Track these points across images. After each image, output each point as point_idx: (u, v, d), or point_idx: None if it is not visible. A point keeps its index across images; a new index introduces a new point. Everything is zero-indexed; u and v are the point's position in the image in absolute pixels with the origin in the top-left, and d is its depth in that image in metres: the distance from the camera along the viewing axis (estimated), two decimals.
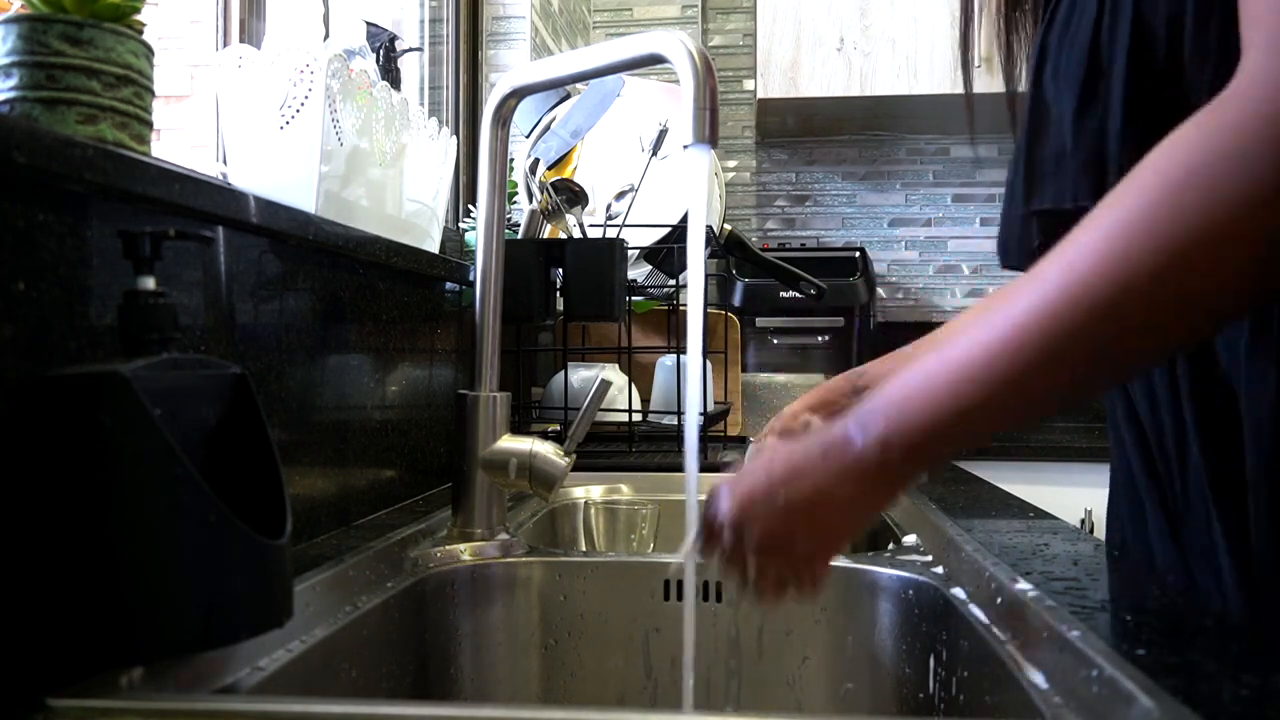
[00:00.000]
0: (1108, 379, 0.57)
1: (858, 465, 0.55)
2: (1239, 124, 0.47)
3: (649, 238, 1.69)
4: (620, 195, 1.57)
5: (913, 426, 0.54)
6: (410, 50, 1.57)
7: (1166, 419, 0.68)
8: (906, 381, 0.55)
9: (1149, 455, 0.71)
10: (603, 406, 1.30)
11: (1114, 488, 0.79)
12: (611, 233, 1.51)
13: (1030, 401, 0.52)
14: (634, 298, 1.67)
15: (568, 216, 1.45)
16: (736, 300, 2.49)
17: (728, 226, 1.86)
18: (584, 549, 1.21)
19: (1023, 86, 0.79)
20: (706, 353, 1.53)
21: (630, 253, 1.55)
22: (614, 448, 1.52)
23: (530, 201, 1.53)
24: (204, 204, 0.70)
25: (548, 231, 1.49)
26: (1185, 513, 0.69)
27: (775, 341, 2.61)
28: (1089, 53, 0.65)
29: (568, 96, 1.87)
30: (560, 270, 1.33)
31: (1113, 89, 0.63)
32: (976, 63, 0.84)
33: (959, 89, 2.67)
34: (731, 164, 2.94)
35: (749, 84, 2.89)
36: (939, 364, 0.54)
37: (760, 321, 2.55)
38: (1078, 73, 0.65)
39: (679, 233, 1.64)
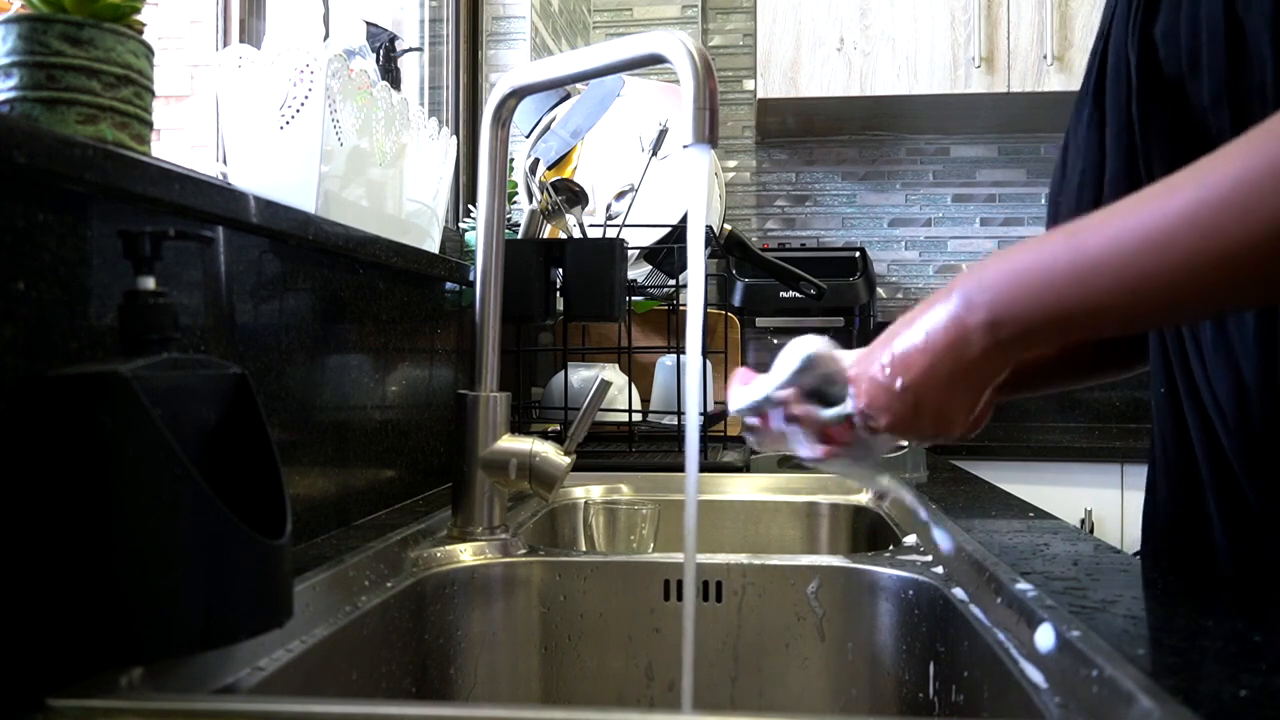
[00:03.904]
0: (1236, 303, 0.56)
1: (964, 344, 0.56)
2: None
3: (649, 238, 1.69)
4: (620, 195, 1.57)
5: (1024, 308, 0.54)
6: (410, 50, 1.57)
7: (1259, 428, 0.65)
8: (1018, 263, 0.55)
9: (1216, 444, 0.68)
10: (603, 406, 1.30)
11: (1159, 469, 0.75)
12: (611, 233, 1.51)
13: (1151, 310, 0.52)
14: (634, 298, 1.67)
15: (568, 216, 1.45)
16: (736, 300, 2.49)
17: (728, 226, 1.86)
18: (584, 549, 1.21)
19: None
20: (706, 353, 1.53)
21: (630, 253, 1.55)
22: (614, 448, 1.52)
23: (530, 201, 1.53)
24: (204, 204, 0.70)
25: (548, 231, 1.49)
26: (1266, 522, 0.66)
27: (775, 341, 2.61)
28: (1224, 13, 0.59)
29: (568, 96, 1.87)
30: (560, 270, 1.33)
31: (1255, 58, 0.58)
32: (976, 62, 0.83)
33: (959, 89, 2.68)
34: (731, 164, 2.94)
35: (749, 84, 2.89)
36: (1065, 251, 0.53)
37: (760, 321, 2.55)
38: (1216, 35, 0.60)
39: (679, 233, 1.64)
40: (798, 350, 0.67)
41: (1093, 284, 0.51)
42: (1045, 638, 0.56)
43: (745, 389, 0.69)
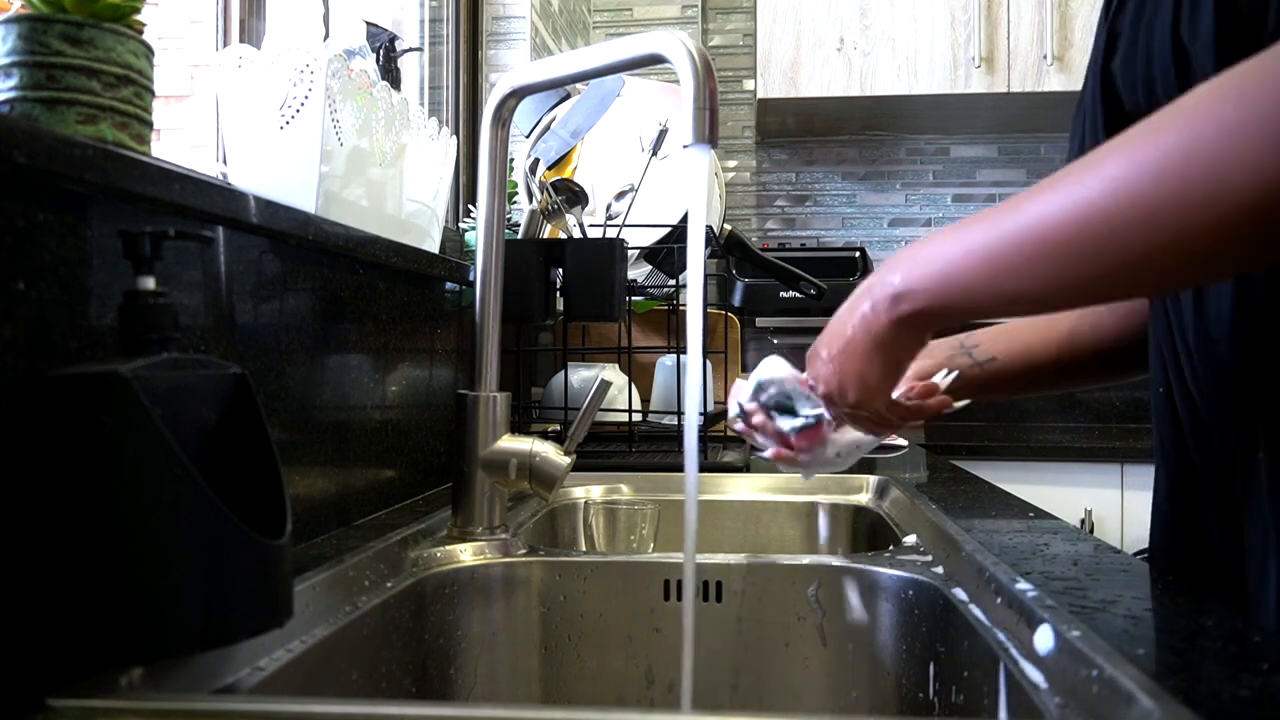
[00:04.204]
0: (1113, 291, 0.59)
1: (873, 316, 0.63)
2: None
3: (649, 238, 1.69)
4: (620, 195, 1.57)
5: (921, 286, 0.60)
6: (410, 50, 1.57)
7: (1232, 419, 0.66)
8: (925, 249, 0.61)
9: (1207, 442, 0.69)
10: (603, 406, 1.30)
11: (1161, 473, 0.76)
12: (611, 233, 1.51)
13: (1030, 295, 0.56)
14: (634, 298, 1.67)
15: (568, 216, 1.45)
16: (736, 300, 2.49)
17: (728, 226, 1.86)
18: (584, 549, 1.21)
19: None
20: (706, 353, 1.53)
21: (630, 253, 1.55)
22: (614, 448, 1.52)
23: (530, 201, 1.53)
24: (204, 204, 0.70)
25: (548, 231, 1.49)
26: (1247, 511, 0.66)
27: (775, 341, 2.61)
28: (1171, 41, 0.62)
29: (568, 96, 1.87)
30: (560, 270, 1.33)
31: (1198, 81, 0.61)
32: (976, 62, 0.84)
33: (959, 89, 2.68)
34: (731, 164, 2.94)
35: (749, 84, 2.89)
36: (957, 239, 0.58)
37: (760, 321, 2.55)
38: (1163, 62, 0.62)
39: (679, 233, 1.64)
40: (757, 373, 0.82)
41: (989, 266, 0.56)
42: (1045, 638, 0.56)
43: (732, 397, 0.85)
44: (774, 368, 0.82)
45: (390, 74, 1.46)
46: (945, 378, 0.84)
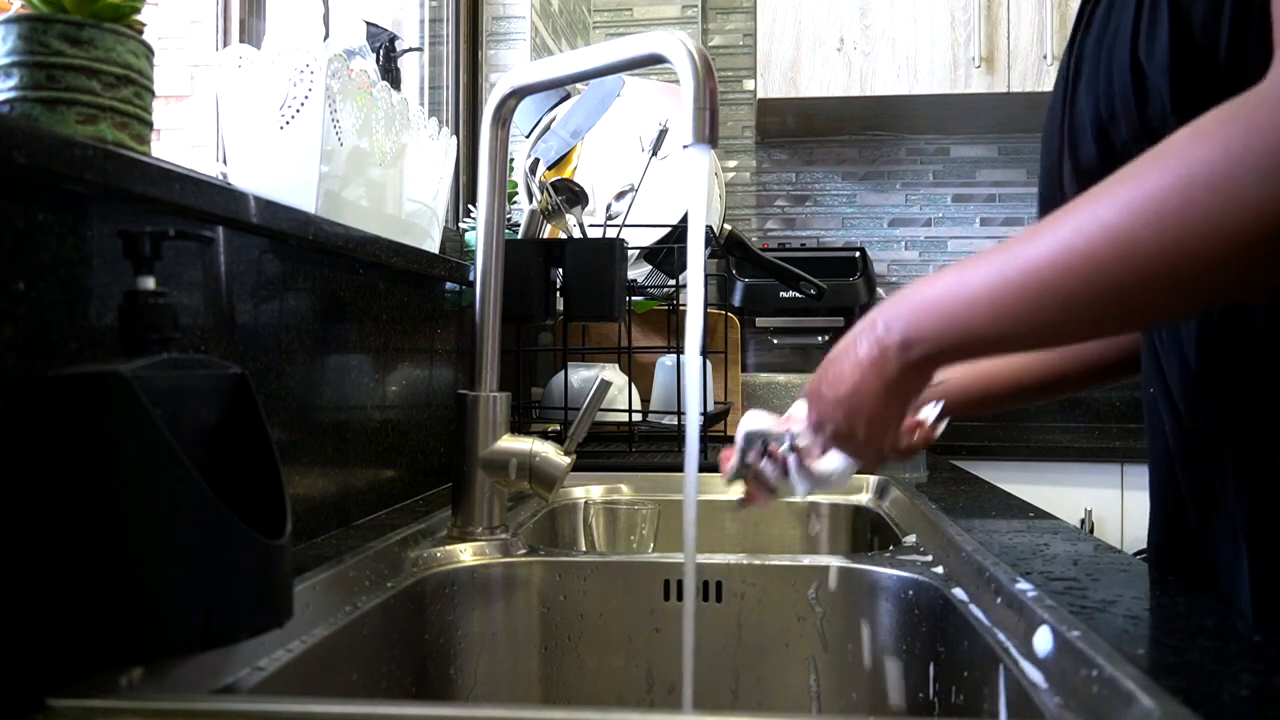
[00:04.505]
0: (1111, 328, 0.63)
1: (884, 361, 0.64)
2: (1266, 127, 0.46)
3: (649, 238, 1.69)
4: (620, 195, 1.57)
5: (931, 332, 0.61)
6: (410, 50, 1.57)
7: (1202, 417, 0.68)
8: (928, 293, 0.62)
9: (1186, 449, 0.70)
10: (603, 406, 1.30)
11: (1153, 481, 0.78)
12: (611, 233, 1.51)
13: (1033, 335, 0.59)
14: (634, 298, 1.67)
15: (568, 216, 1.45)
16: (736, 300, 2.49)
17: (728, 226, 1.86)
18: (584, 549, 1.21)
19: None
20: (706, 353, 1.53)
21: (630, 253, 1.55)
22: (614, 448, 1.52)
23: (530, 201, 1.53)
24: (204, 204, 0.70)
25: (548, 231, 1.49)
26: (1212, 512, 0.68)
27: (775, 341, 2.61)
28: (1130, 63, 0.64)
29: (568, 96, 1.87)
30: (560, 270, 1.33)
31: (1160, 84, 0.63)
32: (976, 62, 0.84)
33: (959, 89, 2.68)
34: (731, 164, 2.94)
35: (749, 84, 2.89)
36: (959, 283, 0.60)
37: (760, 321, 2.55)
38: (1123, 84, 0.65)
39: (679, 233, 1.64)
40: (740, 427, 0.85)
41: (994, 310, 0.57)
42: (1045, 638, 0.56)
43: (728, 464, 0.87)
44: (755, 420, 0.85)
45: (390, 74, 1.46)
46: (933, 409, 0.86)
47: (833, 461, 0.80)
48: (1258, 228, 0.46)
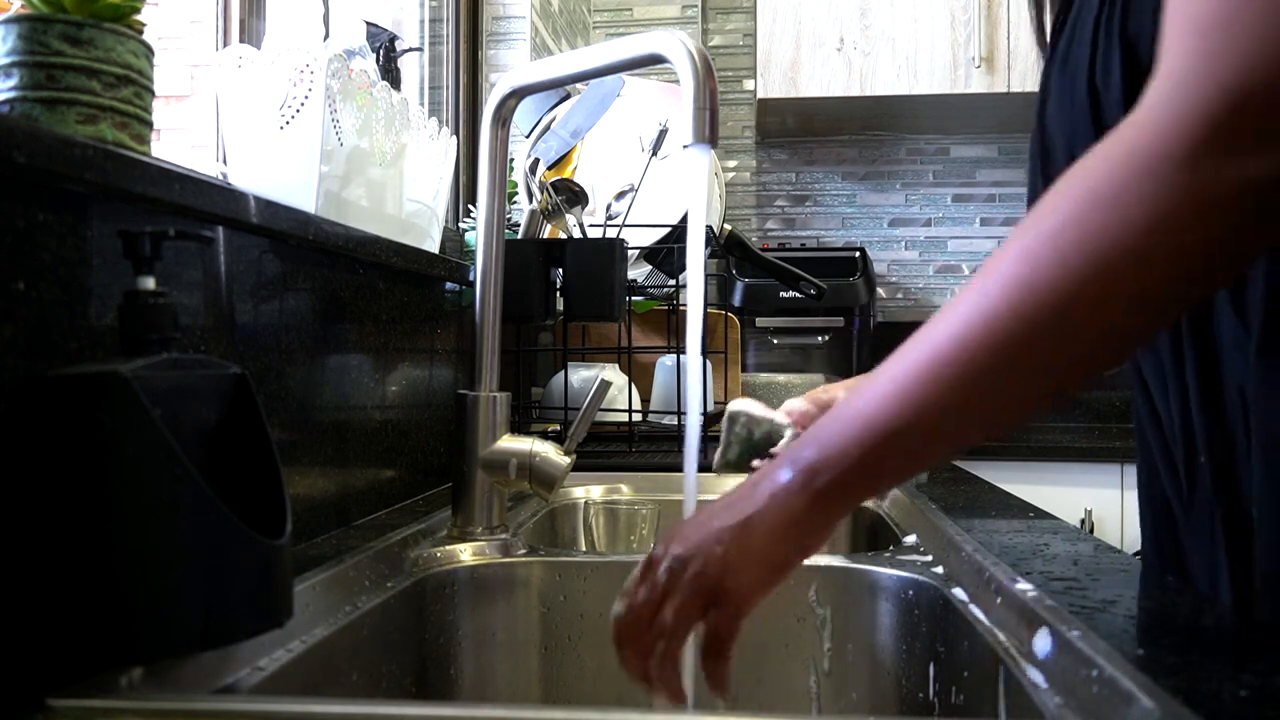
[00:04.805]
0: (1033, 403, 0.52)
1: (785, 493, 0.55)
2: (1144, 148, 0.46)
3: (649, 238, 1.69)
4: (620, 195, 1.57)
5: (837, 454, 0.53)
6: (410, 50, 1.57)
7: (1177, 421, 0.68)
8: (835, 413, 0.55)
9: (1168, 452, 0.71)
10: (603, 406, 1.30)
11: (1139, 483, 0.79)
12: (611, 233, 1.51)
13: (951, 431, 0.52)
14: (634, 298, 1.67)
15: (568, 216, 1.45)
16: (736, 300, 2.49)
17: (728, 226, 1.86)
18: (584, 549, 1.21)
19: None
20: (706, 353, 1.53)
21: (630, 253, 1.55)
22: (614, 448, 1.52)
23: (530, 201, 1.53)
24: (204, 204, 0.70)
25: (548, 231, 1.49)
26: (1189, 514, 0.69)
27: (775, 341, 2.61)
28: (1088, 83, 0.66)
29: (568, 96, 1.87)
30: (560, 270, 1.33)
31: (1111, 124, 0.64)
32: (976, 62, 0.85)
33: (959, 89, 2.68)
34: (731, 164, 2.94)
35: (749, 84, 2.89)
36: (859, 398, 0.54)
37: (760, 321, 2.54)
38: (1084, 103, 0.66)
39: (679, 233, 1.64)
40: (730, 408, 0.84)
41: (879, 424, 0.52)
42: (1044, 638, 0.56)
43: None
44: (741, 404, 0.84)
45: (390, 74, 1.46)
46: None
47: None
48: (1154, 238, 0.45)
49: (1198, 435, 0.66)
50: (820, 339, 2.59)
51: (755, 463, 0.84)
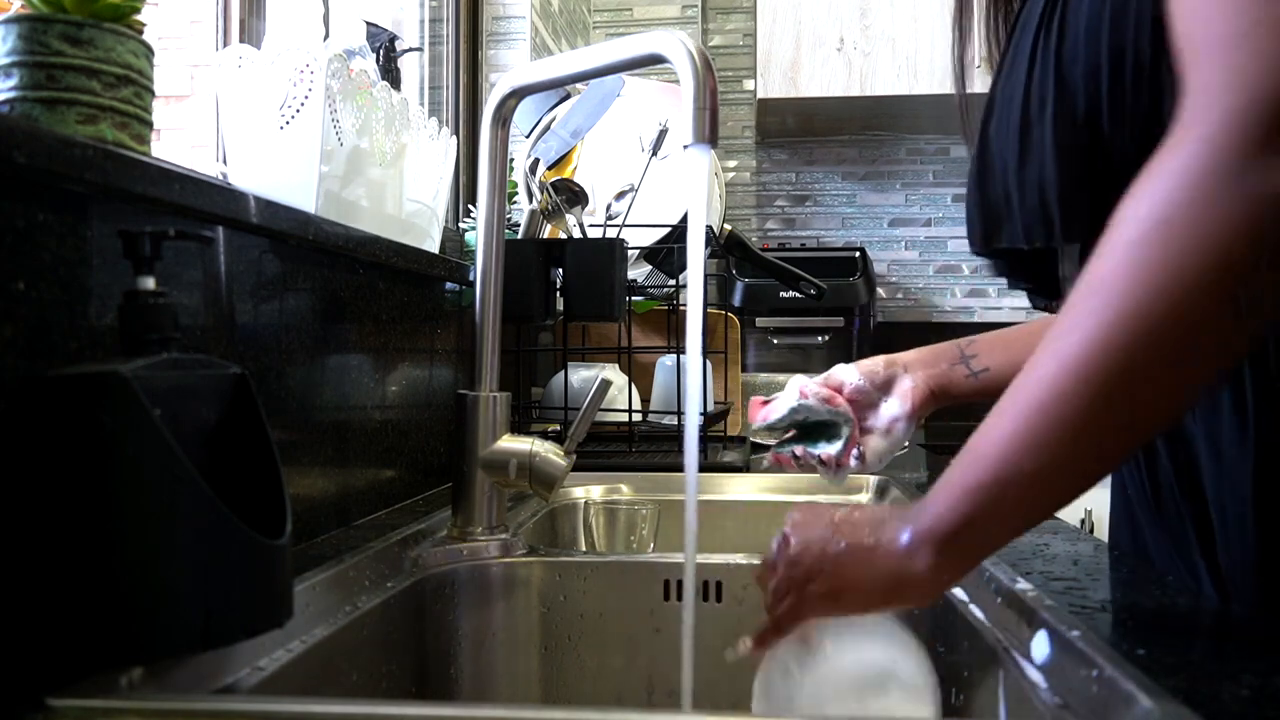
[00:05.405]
0: (1130, 447, 0.56)
1: (901, 568, 0.55)
2: (1196, 170, 0.46)
3: (649, 238, 1.69)
4: (620, 195, 1.57)
5: (947, 528, 0.54)
6: (410, 50, 1.57)
7: None
8: (944, 480, 0.56)
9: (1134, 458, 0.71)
10: (603, 406, 1.30)
11: (1112, 488, 0.79)
12: (611, 233, 1.51)
13: (1058, 486, 0.52)
14: (634, 298, 1.67)
15: (568, 216, 1.45)
16: (736, 300, 2.49)
17: (728, 226, 1.86)
18: (584, 549, 1.21)
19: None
20: (706, 353, 1.53)
21: (630, 253, 1.55)
22: (614, 448, 1.52)
23: (530, 201, 1.53)
24: (204, 204, 0.70)
25: (548, 231, 1.49)
26: (1159, 516, 0.69)
27: (775, 341, 2.61)
28: (1022, 106, 0.66)
29: (568, 96, 1.87)
30: (560, 270, 1.33)
31: (1045, 142, 0.64)
32: (976, 63, 0.84)
33: None
34: (731, 164, 2.94)
35: (749, 84, 2.89)
36: (958, 466, 0.55)
37: (760, 321, 2.55)
38: (1016, 126, 0.66)
39: (679, 233, 1.64)
40: (790, 390, 0.87)
41: (983, 492, 0.53)
42: (1044, 638, 0.56)
43: (766, 409, 0.89)
44: (802, 390, 0.87)
45: (390, 74, 1.46)
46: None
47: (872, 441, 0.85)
48: (1221, 260, 0.45)
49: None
50: (820, 339, 2.59)
51: (797, 449, 0.87)
